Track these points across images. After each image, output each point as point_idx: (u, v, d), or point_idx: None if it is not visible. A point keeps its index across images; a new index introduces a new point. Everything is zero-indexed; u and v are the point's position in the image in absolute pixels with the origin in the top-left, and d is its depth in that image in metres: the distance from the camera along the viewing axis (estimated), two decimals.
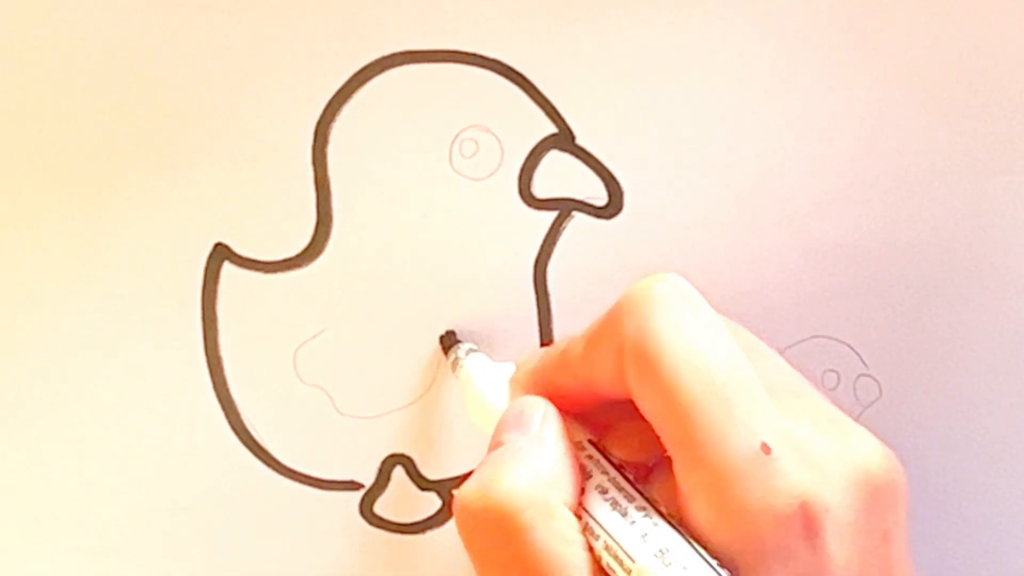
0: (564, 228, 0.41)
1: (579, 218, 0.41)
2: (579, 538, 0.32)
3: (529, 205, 0.40)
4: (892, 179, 0.41)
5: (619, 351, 0.32)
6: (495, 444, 0.34)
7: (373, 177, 0.40)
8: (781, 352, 0.36)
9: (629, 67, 0.40)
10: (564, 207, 0.41)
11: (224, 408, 0.41)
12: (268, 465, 0.41)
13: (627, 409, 0.33)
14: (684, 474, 0.31)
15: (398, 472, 0.42)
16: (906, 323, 0.42)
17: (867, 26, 0.40)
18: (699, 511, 0.31)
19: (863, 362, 0.42)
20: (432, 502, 0.42)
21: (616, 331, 0.32)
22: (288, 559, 0.42)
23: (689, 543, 0.31)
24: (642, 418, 0.32)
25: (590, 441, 0.34)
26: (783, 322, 0.41)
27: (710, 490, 0.31)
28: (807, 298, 0.41)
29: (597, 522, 0.32)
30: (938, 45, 0.40)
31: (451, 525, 0.42)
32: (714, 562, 0.30)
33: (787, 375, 0.36)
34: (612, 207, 0.41)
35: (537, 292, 0.41)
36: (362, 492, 0.42)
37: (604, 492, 0.33)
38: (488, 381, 0.37)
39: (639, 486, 0.33)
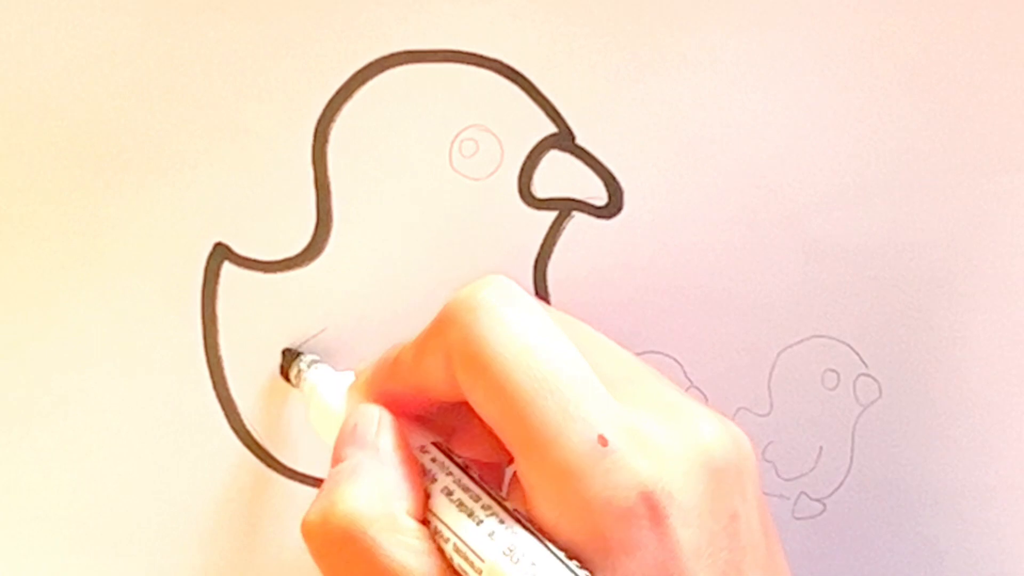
0: (564, 228, 0.41)
1: (579, 218, 0.41)
2: (426, 545, 0.32)
3: (529, 205, 0.40)
4: (892, 179, 0.41)
5: (448, 357, 0.32)
6: (336, 460, 0.34)
7: (373, 177, 0.40)
8: (781, 352, 0.36)
9: (629, 67, 0.40)
10: (564, 207, 0.41)
11: (224, 408, 0.41)
12: (268, 465, 0.41)
13: (468, 411, 0.33)
14: (525, 472, 0.31)
15: None
16: (906, 323, 0.42)
17: (867, 26, 0.40)
18: (543, 508, 0.31)
19: (863, 362, 0.42)
20: None
21: (443, 337, 0.32)
22: (288, 559, 0.42)
23: (537, 538, 0.31)
24: (479, 420, 0.32)
25: (434, 444, 0.34)
26: (783, 322, 0.41)
27: (551, 487, 0.31)
28: (807, 298, 0.41)
29: (445, 525, 0.32)
30: (938, 45, 0.40)
31: None
32: (561, 554, 0.30)
33: (625, 365, 0.35)
34: (612, 207, 0.41)
35: (537, 292, 0.41)
36: None
37: (450, 494, 0.33)
38: (331, 392, 0.37)
39: (485, 485, 0.33)
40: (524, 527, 0.31)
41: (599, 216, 0.41)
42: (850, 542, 0.42)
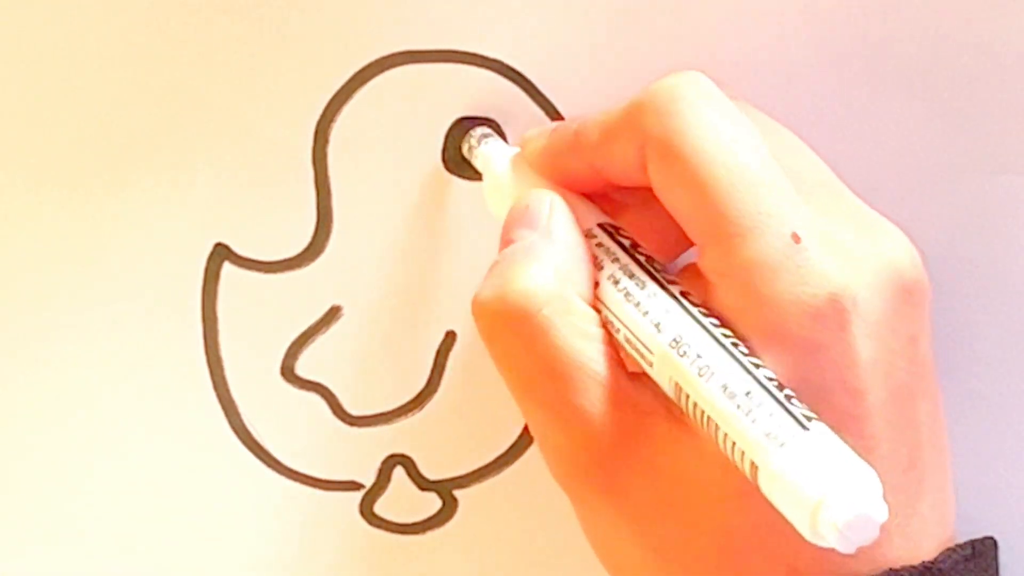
0: None
1: None
2: (598, 331, 0.32)
3: None
4: (892, 179, 0.41)
5: (641, 145, 0.32)
6: (506, 241, 0.33)
7: (373, 177, 0.40)
8: None
9: (629, 67, 0.40)
10: None
11: (224, 408, 0.41)
12: (268, 465, 0.41)
13: (640, 194, 0.33)
14: (712, 262, 0.31)
15: (398, 472, 0.42)
16: None
17: (867, 26, 0.40)
18: (726, 299, 0.31)
19: None
20: (432, 502, 0.42)
21: (638, 125, 0.32)
22: (288, 559, 0.42)
23: (703, 327, 0.30)
24: (658, 207, 0.32)
25: (600, 226, 0.34)
26: None
27: (738, 278, 0.31)
28: None
29: (613, 314, 0.32)
30: (938, 45, 0.40)
31: (452, 525, 0.42)
32: (728, 342, 0.30)
33: (820, 171, 0.35)
34: None
35: None
36: (362, 492, 0.42)
37: (616, 282, 0.32)
38: (503, 166, 0.36)
39: (652, 269, 0.32)
40: (693, 317, 0.31)
41: None
42: None
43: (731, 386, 0.29)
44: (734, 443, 0.29)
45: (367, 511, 0.42)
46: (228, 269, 0.40)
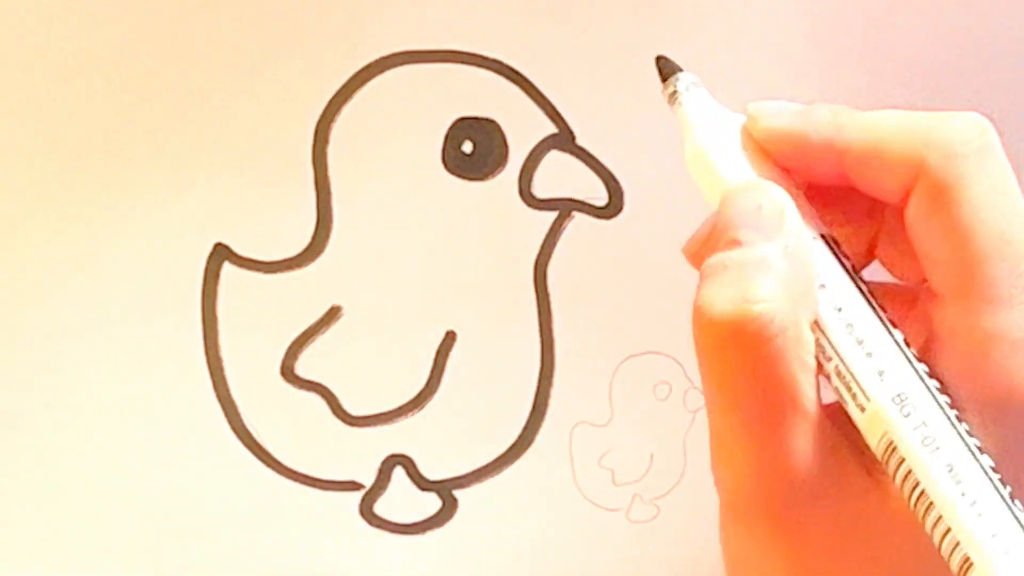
0: (564, 228, 0.41)
1: (579, 218, 0.41)
2: (813, 364, 0.30)
3: (529, 205, 0.40)
4: None
5: (914, 173, 0.30)
6: (729, 241, 0.31)
7: (373, 177, 0.40)
8: None
9: (629, 67, 0.40)
10: (564, 207, 0.41)
11: (224, 408, 0.41)
12: (268, 465, 0.41)
13: (858, 202, 0.32)
14: (949, 318, 0.30)
15: (398, 472, 0.42)
16: None
17: (867, 26, 0.40)
18: (953, 362, 0.30)
19: None
20: (432, 502, 0.42)
21: (917, 152, 0.31)
22: (288, 559, 0.42)
23: (933, 394, 0.28)
24: (873, 219, 0.31)
25: (823, 237, 0.31)
26: None
27: (974, 345, 0.29)
28: None
29: (832, 345, 0.29)
30: (938, 45, 0.40)
31: (451, 525, 0.42)
32: (952, 414, 0.28)
33: None
34: (612, 207, 0.41)
35: (537, 292, 0.41)
36: (362, 492, 0.42)
37: (839, 310, 0.30)
38: (714, 130, 0.32)
39: (875, 304, 0.30)
40: (918, 374, 0.29)
41: (599, 216, 0.41)
42: None
43: (957, 468, 0.28)
44: (948, 530, 0.27)
45: (367, 511, 0.42)
46: (228, 269, 0.40)
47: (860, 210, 0.32)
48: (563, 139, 0.40)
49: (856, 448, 0.30)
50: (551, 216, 0.41)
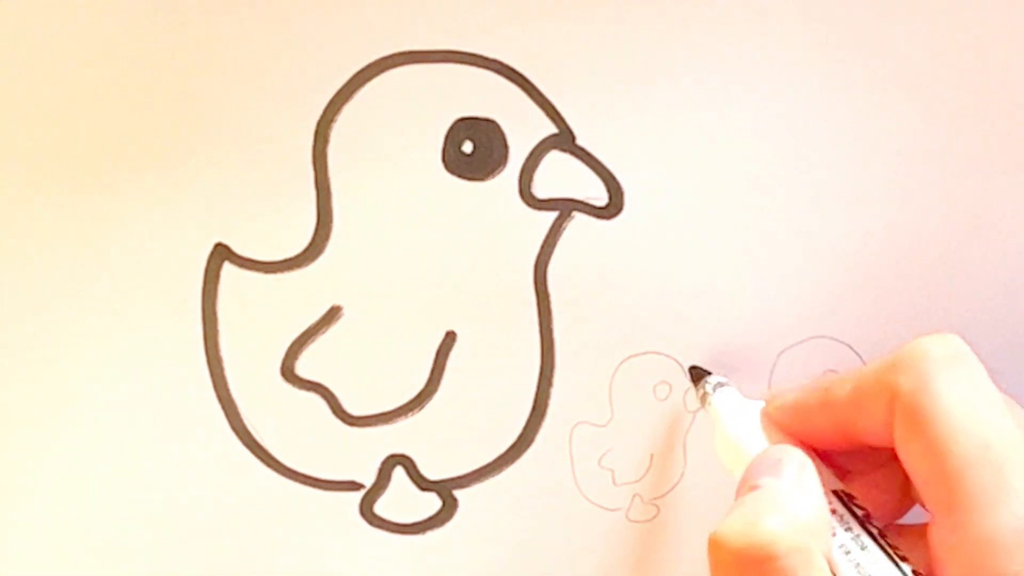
0: (564, 228, 0.41)
1: (579, 218, 0.41)
2: None
3: (529, 205, 0.40)
4: (892, 179, 0.41)
5: (891, 403, 0.32)
6: (750, 487, 0.33)
7: (373, 177, 0.40)
8: (782, 352, 0.36)
9: (629, 67, 0.40)
10: (564, 207, 0.41)
11: (224, 408, 0.41)
12: (268, 465, 0.41)
13: (875, 457, 0.34)
14: (943, 537, 0.31)
15: (398, 472, 0.42)
16: (906, 323, 0.42)
17: (867, 26, 0.40)
18: (953, 572, 0.31)
19: (863, 362, 0.42)
20: (432, 502, 0.42)
21: (890, 383, 0.32)
22: (288, 559, 0.42)
23: None
24: (893, 469, 0.33)
25: (835, 492, 0.34)
26: (783, 322, 0.41)
27: (969, 557, 0.30)
28: (807, 298, 0.41)
29: None
30: (938, 45, 0.40)
31: (451, 525, 0.42)
32: None
33: None
34: (612, 207, 0.41)
35: (537, 292, 0.41)
36: (362, 492, 0.42)
37: (847, 553, 0.32)
38: (738, 419, 0.37)
39: (884, 544, 0.32)
40: None
41: (599, 216, 0.41)
42: None
43: None
44: None
45: (367, 511, 0.42)
46: (228, 269, 0.40)
47: (879, 460, 0.34)
48: (563, 139, 0.40)
49: None
50: (551, 216, 0.41)
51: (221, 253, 0.40)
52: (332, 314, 0.41)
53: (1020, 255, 0.41)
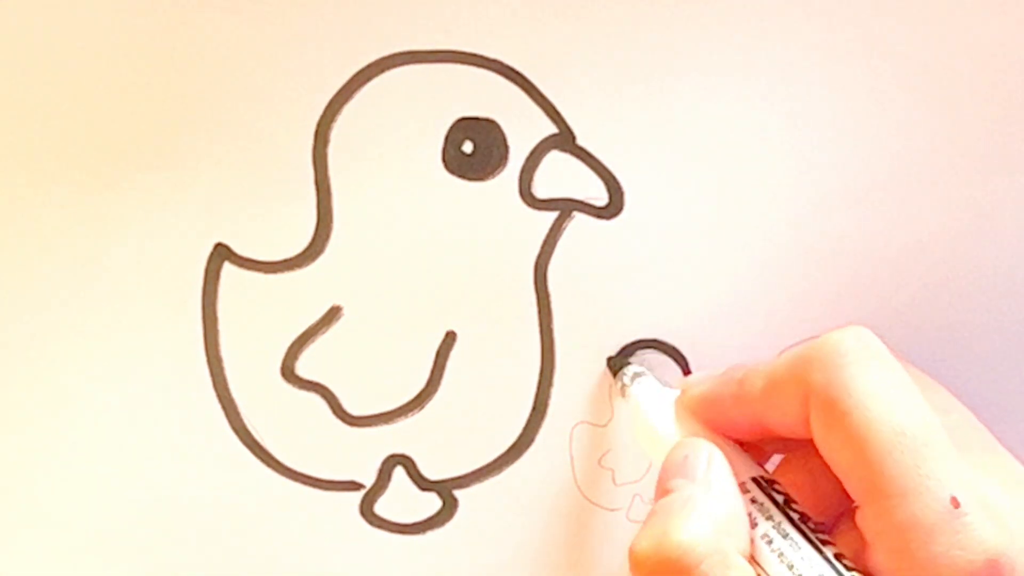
0: (564, 228, 0.41)
1: (579, 218, 0.41)
2: None
3: (529, 205, 0.40)
4: (892, 179, 0.41)
5: (804, 398, 0.33)
6: (662, 491, 0.34)
7: (373, 177, 0.40)
8: (781, 352, 0.36)
9: (629, 67, 0.40)
10: (564, 207, 0.41)
11: (224, 408, 0.41)
12: (268, 465, 0.41)
13: (799, 448, 0.34)
14: (869, 523, 0.32)
15: (398, 472, 0.42)
16: (906, 323, 0.42)
17: (867, 26, 0.40)
18: (882, 560, 0.31)
19: None
20: (432, 502, 0.42)
21: (803, 378, 0.33)
22: (288, 559, 0.42)
23: None
24: (816, 461, 0.33)
25: (755, 479, 0.34)
26: (783, 322, 0.41)
27: (896, 541, 0.31)
28: (807, 298, 0.41)
29: (767, 575, 0.32)
30: (938, 45, 0.40)
31: (451, 525, 0.42)
32: None
33: (977, 431, 0.36)
34: (612, 207, 0.41)
35: (537, 292, 0.41)
36: (362, 492, 0.42)
37: (770, 542, 0.33)
38: (656, 408, 0.37)
39: (806, 528, 0.33)
40: None
41: (599, 216, 0.41)
42: None
43: None
44: None
45: (367, 511, 0.42)
46: (228, 269, 0.40)
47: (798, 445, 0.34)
48: (563, 139, 0.40)
49: None
50: (551, 216, 0.41)
51: (221, 253, 0.40)
52: (332, 314, 0.41)
53: (1020, 255, 0.41)
